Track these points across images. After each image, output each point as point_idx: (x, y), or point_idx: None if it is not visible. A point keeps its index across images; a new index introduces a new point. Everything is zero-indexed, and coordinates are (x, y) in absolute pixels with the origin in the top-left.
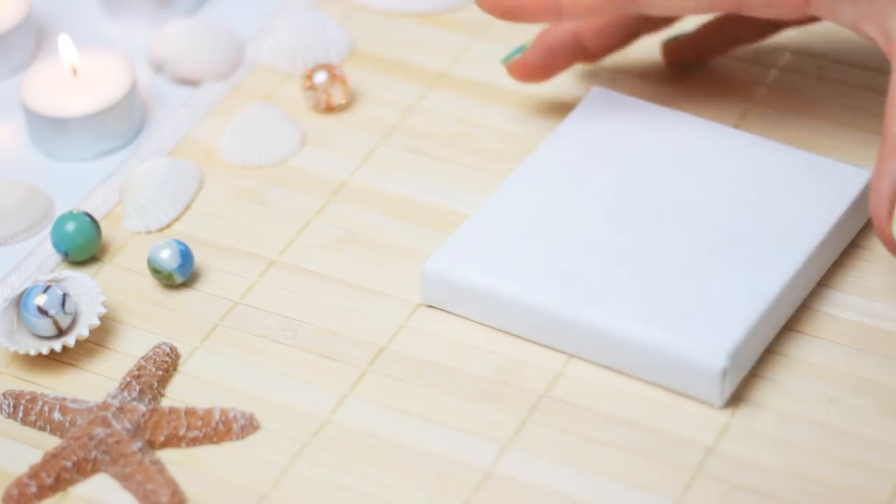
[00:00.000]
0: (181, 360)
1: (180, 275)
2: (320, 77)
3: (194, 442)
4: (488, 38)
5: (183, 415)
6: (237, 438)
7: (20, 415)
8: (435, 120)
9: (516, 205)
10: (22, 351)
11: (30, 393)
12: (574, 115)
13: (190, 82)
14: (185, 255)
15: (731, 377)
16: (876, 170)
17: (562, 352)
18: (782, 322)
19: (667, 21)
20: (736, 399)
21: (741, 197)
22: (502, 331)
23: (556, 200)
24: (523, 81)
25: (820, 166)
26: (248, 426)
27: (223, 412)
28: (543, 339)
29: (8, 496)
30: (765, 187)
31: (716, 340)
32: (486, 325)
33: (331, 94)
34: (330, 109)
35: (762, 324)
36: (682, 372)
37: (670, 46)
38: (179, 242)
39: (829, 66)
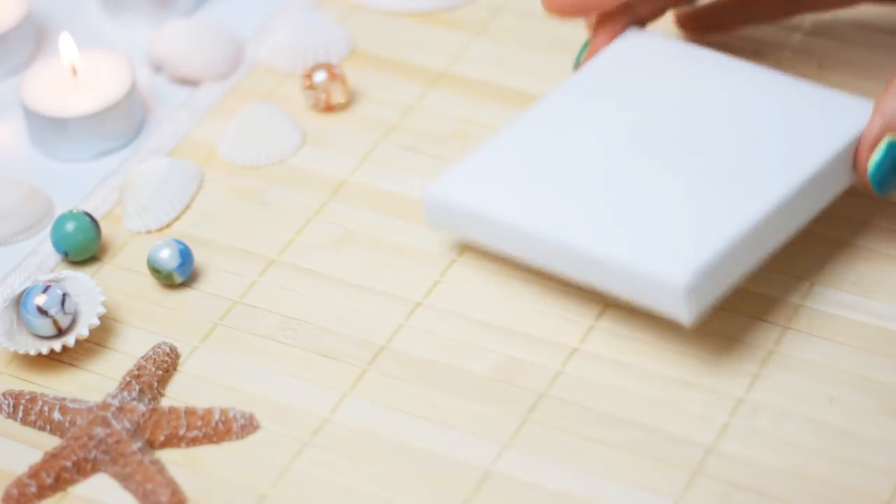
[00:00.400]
0: (181, 360)
1: (180, 274)
2: (320, 76)
3: (194, 442)
4: (488, 38)
5: (183, 414)
6: (237, 438)
7: (20, 415)
8: (434, 119)
9: (529, 135)
10: (22, 351)
11: (30, 393)
12: (604, 53)
13: (190, 82)
14: (185, 255)
15: (699, 296)
16: (875, 104)
17: (555, 275)
18: (767, 251)
19: None
20: (736, 398)
21: (746, 129)
22: (492, 253)
23: (565, 131)
24: (558, 15)
25: (834, 101)
26: (248, 426)
27: (223, 412)
28: (533, 260)
29: (8, 496)
30: (771, 120)
31: (683, 259)
32: (485, 250)
33: (330, 94)
34: (329, 109)
35: (738, 248)
36: (653, 290)
37: (686, 15)
38: (179, 242)
39: (829, 63)
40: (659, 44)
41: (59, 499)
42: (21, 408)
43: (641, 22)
